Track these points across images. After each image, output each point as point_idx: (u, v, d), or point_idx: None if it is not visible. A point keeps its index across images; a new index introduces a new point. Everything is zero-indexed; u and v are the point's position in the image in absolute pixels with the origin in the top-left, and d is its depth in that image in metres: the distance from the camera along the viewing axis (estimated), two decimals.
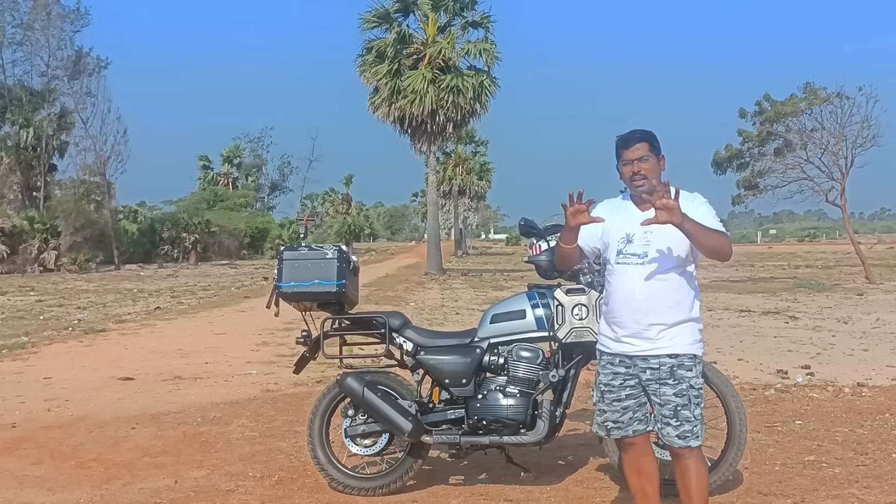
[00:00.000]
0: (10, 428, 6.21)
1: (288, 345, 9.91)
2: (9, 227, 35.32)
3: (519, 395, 4.38)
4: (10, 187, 40.62)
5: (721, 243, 3.31)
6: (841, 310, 14.82)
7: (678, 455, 3.42)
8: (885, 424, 5.95)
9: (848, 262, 33.51)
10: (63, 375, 8.47)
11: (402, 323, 4.68)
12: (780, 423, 5.98)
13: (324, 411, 4.66)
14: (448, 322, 13.07)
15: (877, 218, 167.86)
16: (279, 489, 4.69)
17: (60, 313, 15.98)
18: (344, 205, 76.32)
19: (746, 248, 68.49)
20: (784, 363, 8.66)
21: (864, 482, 4.59)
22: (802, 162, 24.06)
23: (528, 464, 4.71)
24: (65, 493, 4.68)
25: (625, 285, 3.40)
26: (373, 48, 30.12)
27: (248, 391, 7.57)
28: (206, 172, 73.14)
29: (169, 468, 5.13)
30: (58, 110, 41.35)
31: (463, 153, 59.72)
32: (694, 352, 3.39)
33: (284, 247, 4.75)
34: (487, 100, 30.34)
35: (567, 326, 4.27)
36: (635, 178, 3.39)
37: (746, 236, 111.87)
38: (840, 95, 23.28)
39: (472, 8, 30.34)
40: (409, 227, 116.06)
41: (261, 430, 6.04)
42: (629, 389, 3.45)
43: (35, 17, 41.14)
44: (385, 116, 30.15)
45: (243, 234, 53.85)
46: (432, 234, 33.43)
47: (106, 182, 41.15)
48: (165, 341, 11.32)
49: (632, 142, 3.40)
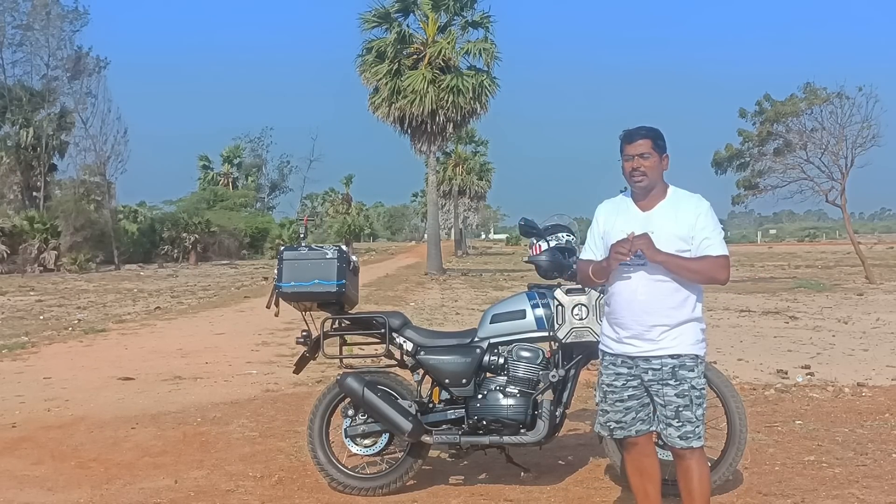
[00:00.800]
0: (10, 428, 6.21)
1: (288, 345, 9.91)
2: (9, 227, 35.32)
3: (519, 395, 4.38)
4: (10, 187, 40.64)
5: (708, 272, 3.31)
6: (841, 310, 14.82)
7: (680, 455, 3.42)
8: (885, 424, 5.95)
9: (848, 262, 33.50)
10: (63, 375, 8.47)
11: (402, 323, 4.68)
12: (780, 423, 5.98)
13: (324, 411, 4.66)
14: (448, 322, 13.07)
15: (877, 218, 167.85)
16: (279, 489, 4.69)
17: (60, 313, 15.98)
18: (344, 205, 76.40)
19: (746, 248, 68.54)
20: (784, 363, 8.66)
21: (864, 482, 4.58)
22: (802, 162, 24.08)
23: (528, 464, 4.70)
24: (65, 493, 4.67)
25: (627, 286, 3.40)
26: (373, 48, 30.12)
27: (248, 391, 7.57)
28: (206, 172, 73.18)
29: (169, 468, 5.13)
30: (58, 110, 41.38)
31: (463, 153, 59.70)
32: (696, 352, 3.39)
33: (284, 247, 4.75)
34: (487, 100, 30.36)
35: (567, 326, 4.27)
36: (634, 174, 3.39)
37: (746, 236, 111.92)
38: (840, 95, 23.30)
39: (471, 8, 30.37)
40: (409, 227, 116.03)
41: (261, 430, 6.04)
42: (631, 390, 3.45)
43: (35, 17, 41.18)
44: (385, 116, 30.15)
45: (243, 234, 53.86)
46: (432, 234, 33.43)
47: (106, 182, 41.17)
48: (165, 341, 11.32)
49: (635, 137, 3.40)
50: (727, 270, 3.37)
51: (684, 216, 3.37)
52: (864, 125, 22.93)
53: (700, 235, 3.33)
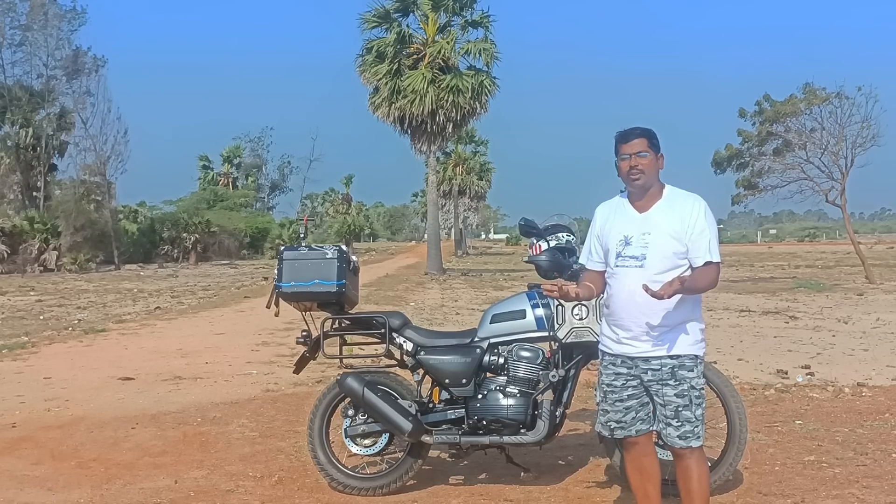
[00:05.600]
0: (10, 428, 6.21)
1: (288, 345, 9.91)
2: (9, 227, 35.31)
3: (519, 395, 4.38)
4: (10, 187, 40.63)
5: (709, 280, 3.39)
6: (841, 310, 14.82)
7: (679, 455, 3.43)
8: (885, 424, 5.95)
9: (848, 262, 33.49)
10: (63, 375, 8.46)
11: (402, 323, 4.68)
12: (780, 423, 5.98)
13: (324, 411, 4.66)
14: (448, 322, 13.07)
15: (877, 218, 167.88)
16: (279, 489, 4.69)
17: (60, 313, 15.97)
18: (344, 205, 76.40)
19: (746, 248, 68.54)
20: (784, 363, 8.66)
21: (864, 482, 4.58)
22: (802, 162, 24.08)
23: (528, 464, 4.70)
24: (65, 493, 4.67)
25: (625, 288, 3.40)
26: (373, 48, 30.11)
27: (248, 391, 7.57)
28: (206, 172, 73.24)
29: (169, 468, 5.13)
30: (57, 110, 41.39)
31: (463, 153, 59.73)
32: (695, 352, 3.40)
33: (284, 247, 4.75)
34: (487, 100, 30.35)
35: (567, 326, 4.27)
36: (632, 173, 3.40)
37: (746, 236, 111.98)
38: (840, 95, 23.31)
39: (471, 7, 30.36)
40: (409, 227, 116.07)
41: (261, 430, 6.04)
42: (631, 390, 3.46)
43: (33, 17, 41.15)
44: (385, 116, 30.14)
45: (243, 234, 53.84)
46: (432, 234, 33.43)
47: (106, 182, 41.14)
48: (165, 341, 11.32)
49: (631, 136, 3.42)
50: (718, 276, 3.47)
51: (681, 216, 3.38)
52: (864, 125, 22.96)
53: (695, 238, 3.34)
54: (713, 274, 3.37)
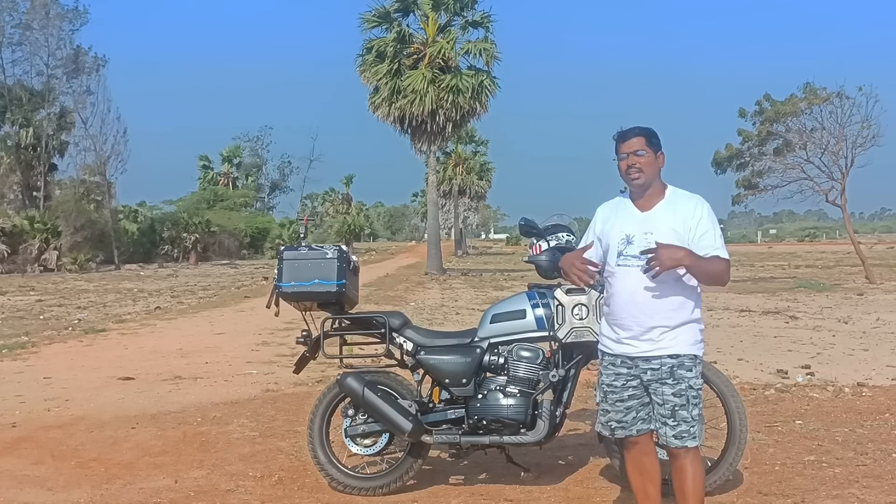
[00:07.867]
0: (10, 428, 6.21)
1: (288, 345, 9.91)
2: (9, 226, 35.28)
3: (519, 395, 4.38)
4: (10, 187, 40.63)
5: (719, 270, 3.33)
6: (841, 310, 14.82)
7: (674, 455, 3.43)
8: (885, 424, 5.95)
9: (848, 262, 33.49)
10: (63, 375, 8.47)
11: (402, 323, 4.68)
12: (780, 423, 5.98)
13: (324, 411, 4.66)
14: (448, 322, 13.07)
15: (877, 218, 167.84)
16: (279, 489, 4.69)
17: (60, 313, 15.98)
18: (344, 205, 76.48)
19: (746, 247, 68.53)
20: (784, 363, 8.66)
21: (864, 482, 4.58)
22: (802, 162, 24.11)
23: (528, 464, 4.70)
24: (65, 493, 4.67)
25: (626, 287, 3.40)
26: (373, 48, 30.12)
27: (248, 391, 7.57)
28: (206, 172, 73.23)
29: (169, 468, 5.13)
30: (58, 110, 41.37)
31: (463, 153, 59.69)
32: (695, 352, 3.40)
33: (284, 247, 4.75)
34: (487, 99, 30.36)
35: (567, 326, 4.27)
36: (630, 172, 3.39)
37: (746, 236, 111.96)
38: (840, 95, 23.33)
39: (471, 7, 30.37)
40: (409, 227, 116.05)
41: (261, 430, 6.04)
42: (631, 390, 3.46)
43: (34, 16, 41.15)
44: (385, 116, 30.15)
45: (243, 234, 53.87)
46: (432, 234, 33.43)
47: (106, 182, 41.20)
48: (165, 341, 11.32)
49: (629, 136, 3.42)
50: (729, 274, 3.41)
51: (683, 217, 3.37)
52: (864, 125, 23.00)
53: (701, 240, 3.33)
54: (721, 265, 3.32)
